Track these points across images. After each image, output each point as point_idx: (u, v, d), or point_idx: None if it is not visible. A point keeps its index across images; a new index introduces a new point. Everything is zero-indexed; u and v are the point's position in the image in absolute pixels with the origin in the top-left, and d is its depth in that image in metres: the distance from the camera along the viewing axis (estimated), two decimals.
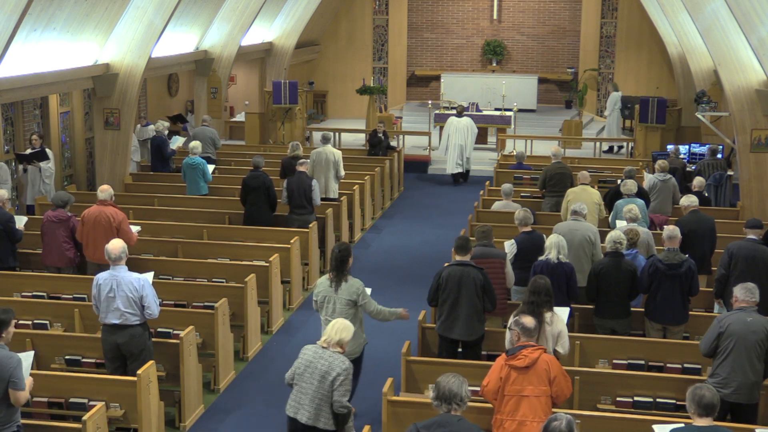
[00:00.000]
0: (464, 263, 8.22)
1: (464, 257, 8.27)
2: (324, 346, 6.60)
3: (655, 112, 19.86)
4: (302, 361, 6.62)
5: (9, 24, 10.63)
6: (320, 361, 6.53)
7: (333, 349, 6.56)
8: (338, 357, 6.54)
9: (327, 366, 6.49)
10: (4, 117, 14.89)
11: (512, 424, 6.35)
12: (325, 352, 6.56)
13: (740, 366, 7.05)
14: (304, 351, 6.69)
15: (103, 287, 7.85)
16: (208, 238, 12.20)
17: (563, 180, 13.35)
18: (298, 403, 6.57)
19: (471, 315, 8.14)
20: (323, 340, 6.63)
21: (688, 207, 10.72)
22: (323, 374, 6.47)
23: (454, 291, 8.14)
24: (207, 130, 16.58)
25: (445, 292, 8.19)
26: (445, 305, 8.20)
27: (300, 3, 22.88)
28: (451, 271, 8.21)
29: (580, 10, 26.13)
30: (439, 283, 8.26)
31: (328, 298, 7.92)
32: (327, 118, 26.95)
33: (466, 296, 8.11)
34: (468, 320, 8.14)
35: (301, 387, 6.56)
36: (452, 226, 15.14)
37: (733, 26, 13.81)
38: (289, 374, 6.72)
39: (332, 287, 7.90)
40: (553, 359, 6.54)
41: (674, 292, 8.64)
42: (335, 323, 6.72)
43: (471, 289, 8.12)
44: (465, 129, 19.15)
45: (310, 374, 6.52)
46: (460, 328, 8.15)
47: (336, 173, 14.05)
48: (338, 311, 7.82)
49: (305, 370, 6.57)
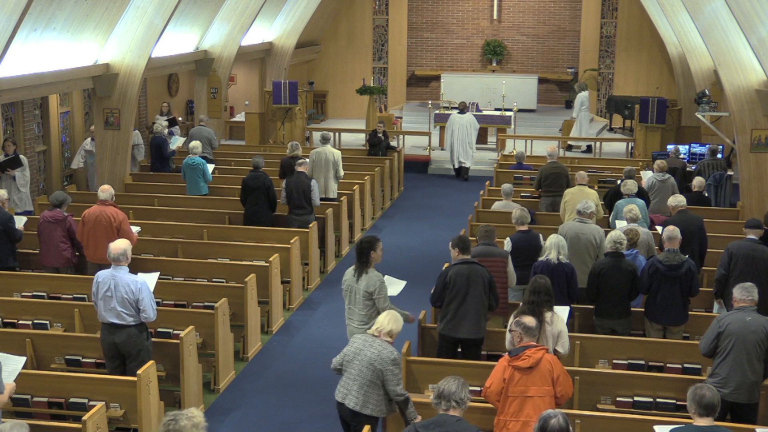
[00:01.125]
0: (470, 261, 8.21)
1: (467, 256, 8.27)
2: (375, 335, 6.76)
3: (655, 112, 19.86)
4: (352, 349, 6.80)
5: (9, 24, 10.62)
6: (370, 349, 6.71)
7: (383, 339, 6.74)
8: (387, 347, 6.70)
9: (376, 354, 6.65)
10: (4, 117, 14.89)
11: (516, 424, 6.35)
12: (375, 341, 6.74)
13: (739, 365, 7.06)
14: (354, 339, 6.90)
15: (101, 285, 7.85)
16: (208, 238, 12.20)
17: (558, 179, 13.37)
18: (346, 389, 6.76)
19: (479, 313, 8.12)
20: (375, 329, 6.81)
21: (676, 207, 10.72)
22: (371, 362, 6.64)
23: (462, 290, 8.10)
24: (203, 130, 16.57)
25: (453, 291, 8.13)
26: (452, 304, 8.13)
27: (300, 3, 22.88)
28: (459, 270, 8.16)
29: (580, 10, 26.13)
30: (446, 282, 8.18)
31: (350, 288, 8.12)
32: (327, 118, 26.95)
33: (475, 294, 8.09)
34: (476, 319, 8.11)
35: (350, 374, 6.75)
36: (452, 226, 15.13)
37: (733, 26, 13.81)
38: (338, 360, 6.88)
39: (354, 276, 8.10)
40: (555, 359, 6.55)
41: (674, 292, 8.64)
42: (388, 313, 6.93)
43: (479, 287, 8.10)
44: (467, 125, 19.61)
45: (360, 362, 6.69)
46: (468, 327, 8.10)
47: (335, 173, 14.05)
48: (358, 302, 8.03)
49: (354, 357, 6.74)
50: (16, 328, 9.14)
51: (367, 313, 7.93)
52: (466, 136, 19.60)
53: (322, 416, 8.61)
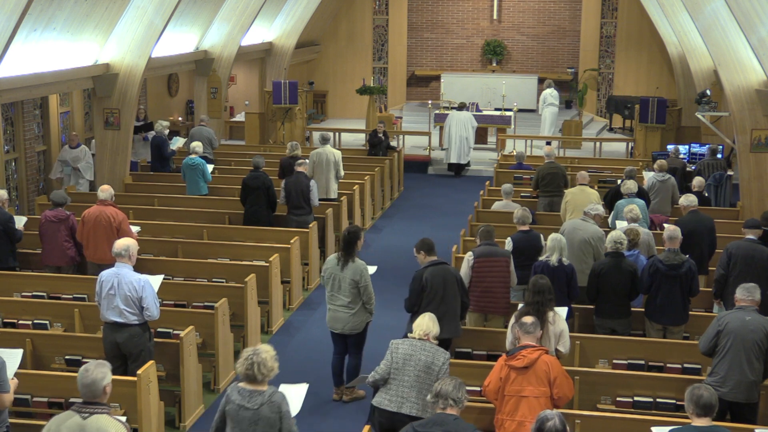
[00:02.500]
0: (440, 262, 8.22)
1: (434, 257, 8.25)
2: (423, 338, 6.75)
3: (655, 112, 19.86)
4: (399, 356, 6.72)
5: (9, 24, 10.63)
6: (422, 352, 6.69)
7: (431, 341, 6.77)
8: (438, 348, 6.76)
9: (431, 357, 6.65)
10: (4, 117, 14.90)
11: (512, 424, 6.37)
12: (426, 344, 6.73)
13: (738, 364, 7.06)
14: (397, 346, 6.80)
15: (105, 284, 7.86)
16: (208, 238, 12.20)
17: (556, 180, 13.38)
18: (402, 397, 6.65)
19: (454, 313, 8.13)
20: (422, 333, 6.77)
21: (688, 207, 10.72)
22: (428, 365, 6.62)
23: (440, 291, 8.06)
24: (204, 130, 16.58)
25: (431, 293, 8.06)
26: (430, 307, 7.93)
27: (300, 3, 22.88)
28: (433, 272, 8.10)
29: (580, 10, 26.13)
30: (423, 285, 8.08)
31: (334, 276, 8.48)
32: (327, 118, 26.95)
33: (450, 294, 8.09)
34: (453, 319, 8.11)
35: (402, 381, 6.65)
36: (452, 226, 15.14)
37: (733, 26, 13.81)
38: (383, 370, 6.76)
39: (339, 266, 8.41)
40: (553, 360, 6.54)
41: (674, 292, 8.64)
42: (426, 315, 6.94)
43: (454, 287, 8.12)
44: (466, 121, 20.11)
45: (413, 366, 6.64)
46: (447, 328, 7.93)
47: (336, 173, 14.06)
48: (343, 290, 8.44)
49: (405, 363, 6.68)
50: (16, 328, 9.14)
51: (353, 299, 8.38)
52: (464, 131, 19.99)
53: (322, 416, 8.62)
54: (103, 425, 5.13)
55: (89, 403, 5.21)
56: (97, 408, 5.18)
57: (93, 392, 5.20)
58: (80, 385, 5.22)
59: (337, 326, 8.64)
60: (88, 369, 5.24)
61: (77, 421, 5.17)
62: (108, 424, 5.14)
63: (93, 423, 5.13)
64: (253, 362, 5.60)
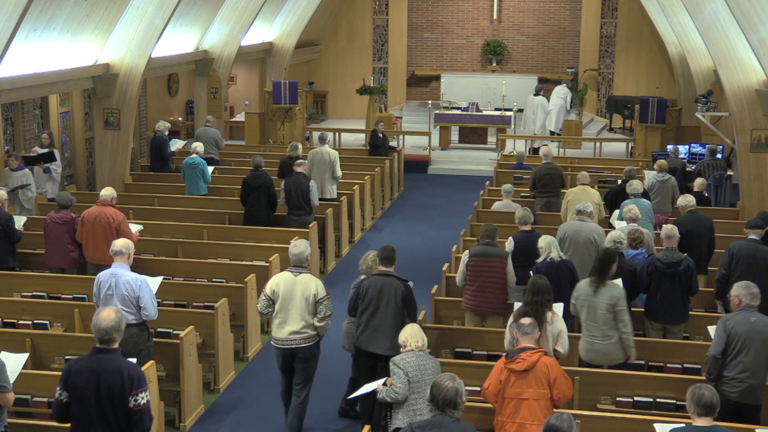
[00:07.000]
0: (386, 273, 7.86)
1: (389, 268, 7.90)
2: (423, 350, 6.85)
3: (655, 112, 19.86)
4: (413, 369, 6.69)
5: (9, 24, 10.63)
6: (429, 362, 6.80)
7: (426, 351, 6.91)
8: (433, 357, 6.94)
9: (437, 366, 6.82)
10: (4, 117, 14.89)
11: (512, 426, 6.35)
12: (427, 355, 6.85)
13: (749, 367, 6.99)
14: (407, 361, 6.74)
15: (102, 285, 7.87)
16: (208, 238, 12.19)
17: (553, 180, 13.36)
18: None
19: (390, 328, 7.67)
20: (422, 344, 6.86)
21: (686, 207, 10.71)
22: (437, 374, 6.61)
23: (374, 302, 7.76)
24: (210, 131, 16.59)
25: (365, 302, 7.80)
26: (363, 316, 7.79)
27: (300, 3, 22.88)
28: (371, 282, 7.85)
29: (580, 10, 26.13)
30: (358, 293, 7.91)
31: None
32: (327, 118, 26.95)
33: (388, 308, 7.73)
34: (388, 334, 7.68)
35: (423, 393, 6.50)
36: (452, 226, 15.14)
37: (733, 26, 13.81)
38: (402, 388, 6.66)
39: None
40: (553, 361, 6.52)
41: (674, 291, 8.63)
42: (416, 326, 7.01)
43: (392, 301, 7.73)
44: (536, 107, 21.72)
45: (430, 377, 6.63)
46: (380, 342, 7.71)
47: (332, 174, 14.03)
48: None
49: (422, 376, 6.69)
50: (16, 328, 9.14)
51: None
52: (533, 115, 21.68)
53: (321, 416, 8.62)
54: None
55: (298, 266, 7.61)
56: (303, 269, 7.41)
57: (300, 259, 7.70)
58: (291, 255, 7.68)
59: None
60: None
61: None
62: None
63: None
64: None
